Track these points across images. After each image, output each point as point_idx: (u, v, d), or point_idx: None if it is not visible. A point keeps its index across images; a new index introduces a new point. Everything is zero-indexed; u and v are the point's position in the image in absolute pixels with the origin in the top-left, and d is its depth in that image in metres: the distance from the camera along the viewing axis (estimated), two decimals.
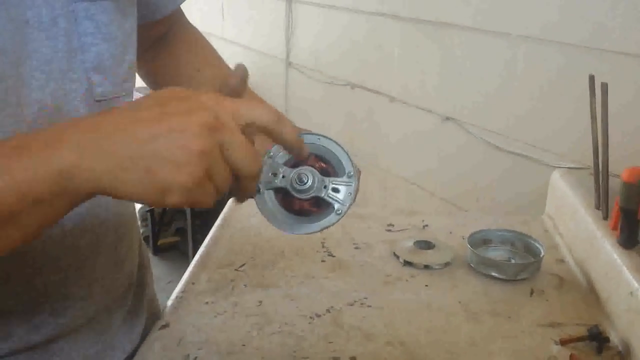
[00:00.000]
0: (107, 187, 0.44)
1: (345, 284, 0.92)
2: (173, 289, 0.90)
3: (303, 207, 0.72)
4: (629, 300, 0.77)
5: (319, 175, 0.71)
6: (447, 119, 1.49)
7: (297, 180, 0.69)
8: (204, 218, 2.89)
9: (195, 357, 0.74)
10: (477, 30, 1.36)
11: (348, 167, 0.72)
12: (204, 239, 1.05)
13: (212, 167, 0.45)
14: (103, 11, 0.62)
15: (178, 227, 3.29)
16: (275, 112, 0.50)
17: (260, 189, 0.70)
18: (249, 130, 0.49)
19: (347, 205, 0.71)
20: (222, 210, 1.16)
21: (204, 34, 0.93)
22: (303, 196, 0.70)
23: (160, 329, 0.79)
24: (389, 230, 1.09)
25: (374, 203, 1.80)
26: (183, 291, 0.89)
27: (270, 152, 0.71)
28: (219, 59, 0.89)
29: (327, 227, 0.71)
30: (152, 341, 0.77)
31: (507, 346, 0.78)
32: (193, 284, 0.90)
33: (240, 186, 0.51)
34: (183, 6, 0.86)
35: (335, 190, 0.71)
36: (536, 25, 1.21)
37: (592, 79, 0.95)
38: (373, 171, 1.82)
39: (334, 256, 1.00)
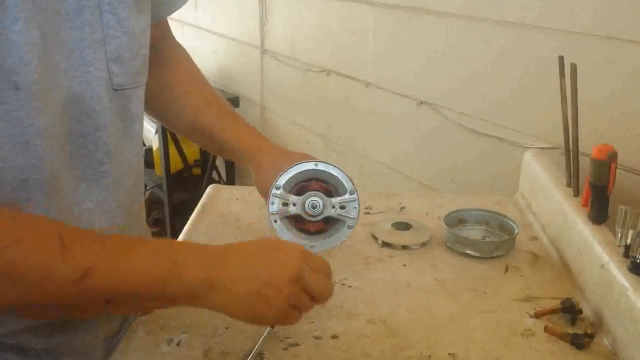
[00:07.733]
0: (217, 308, 0.63)
1: None
2: None
3: (315, 227, 0.82)
4: (601, 274, 0.79)
5: (326, 198, 0.80)
6: (422, 103, 1.51)
7: (310, 207, 0.80)
8: (183, 208, 2.88)
9: (179, 341, 0.75)
10: (451, 15, 1.38)
11: (348, 185, 0.83)
12: (182, 229, 1.05)
13: (296, 302, 0.64)
14: (124, 6, 0.66)
15: (156, 218, 3.27)
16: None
17: (276, 220, 0.79)
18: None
19: (356, 218, 0.82)
20: (200, 198, 1.16)
21: (177, 23, 0.93)
22: (315, 219, 0.81)
23: (142, 314, 0.80)
24: (367, 213, 1.11)
25: None
26: None
27: (277, 184, 0.80)
28: (203, 80, 0.95)
29: (343, 241, 0.83)
30: (136, 327, 0.78)
31: (484, 321, 0.80)
32: None
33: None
34: None
35: (342, 207, 0.81)
36: (510, 9, 1.23)
37: (561, 60, 0.97)
38: (350, 156, 1.84)
39: None
